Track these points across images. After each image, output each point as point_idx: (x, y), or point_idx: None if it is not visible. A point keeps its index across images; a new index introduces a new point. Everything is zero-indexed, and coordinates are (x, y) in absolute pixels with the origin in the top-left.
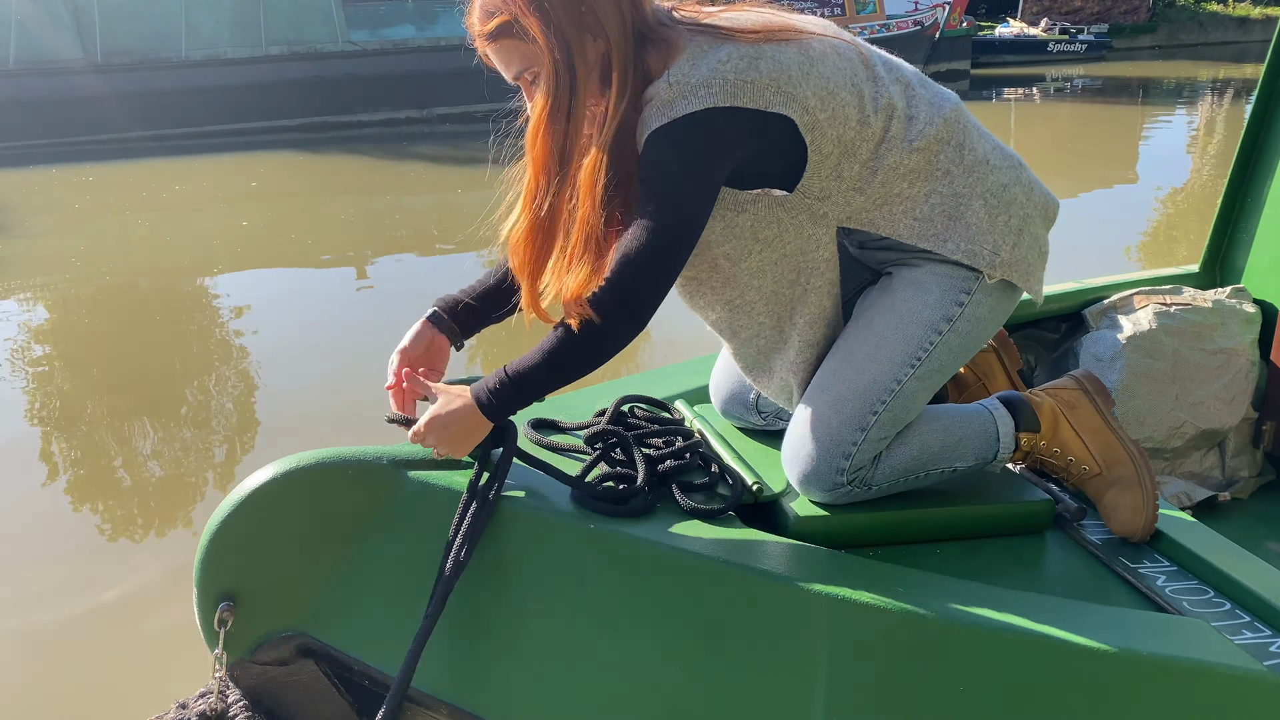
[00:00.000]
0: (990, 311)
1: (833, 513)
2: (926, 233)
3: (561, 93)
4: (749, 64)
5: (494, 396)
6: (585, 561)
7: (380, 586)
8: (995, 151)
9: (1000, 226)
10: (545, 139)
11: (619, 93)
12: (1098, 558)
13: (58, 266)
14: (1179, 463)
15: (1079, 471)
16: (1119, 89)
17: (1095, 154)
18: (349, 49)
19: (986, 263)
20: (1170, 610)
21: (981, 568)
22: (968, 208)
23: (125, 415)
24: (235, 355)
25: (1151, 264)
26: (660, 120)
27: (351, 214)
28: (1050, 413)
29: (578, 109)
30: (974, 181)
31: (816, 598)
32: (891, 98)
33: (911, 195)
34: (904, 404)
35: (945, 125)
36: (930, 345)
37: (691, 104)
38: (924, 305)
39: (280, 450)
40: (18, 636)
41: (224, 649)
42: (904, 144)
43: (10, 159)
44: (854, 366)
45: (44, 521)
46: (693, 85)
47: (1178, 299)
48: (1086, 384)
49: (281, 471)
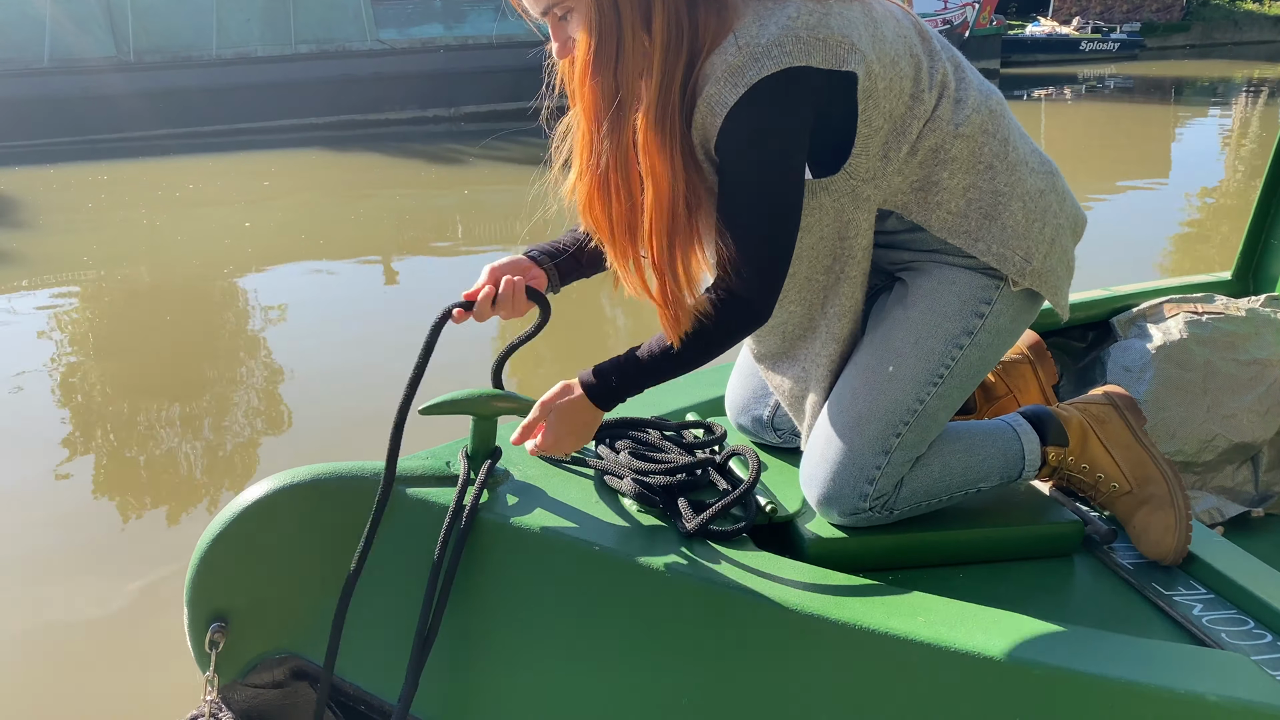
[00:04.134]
0: (1010, 322)
1: (851, 535)
2: (959, 228)
3: (607, 29)
4: (819, 19)
5: (606, 386)
6: (590, 584)
7: (375, 607)
8: (1034, 154)
9: (1035, 233)
10: (594, 84)
11: (665, 44)
12: (1129, 583)
13: (87, 262)
14: (1210, 477)
15: (1108, 489)
16: (1151, 88)
17: (1127, 154)
18: (378, 47)
19: (1016, 269)
20: (1208, 642)
21: (1007, 594)
22: (1005, 208)
23: (150, 412)
24: (261, 354)
25: (1183, 267)
26: (734, 92)
27: (379, 212)
28: (1079, 428)
29: (626, 49)
30: (1014, 181)
31: (833, 626)
32: (946, 73)
33: (950, 186)
34: (927, 423)
35: (991, 116)
36: (952, 361)
37: (766, 66)
38: (943, 318)
39: (307, 449)
40: (29, 633)
41: (216, 671)
42: (950, 126)
43: (43, 156)
44: (874, 386)
45: (62, 513)
46: (764, 46)
47: (1209, 307)
48: (1117, 399)
49: (274, 488)
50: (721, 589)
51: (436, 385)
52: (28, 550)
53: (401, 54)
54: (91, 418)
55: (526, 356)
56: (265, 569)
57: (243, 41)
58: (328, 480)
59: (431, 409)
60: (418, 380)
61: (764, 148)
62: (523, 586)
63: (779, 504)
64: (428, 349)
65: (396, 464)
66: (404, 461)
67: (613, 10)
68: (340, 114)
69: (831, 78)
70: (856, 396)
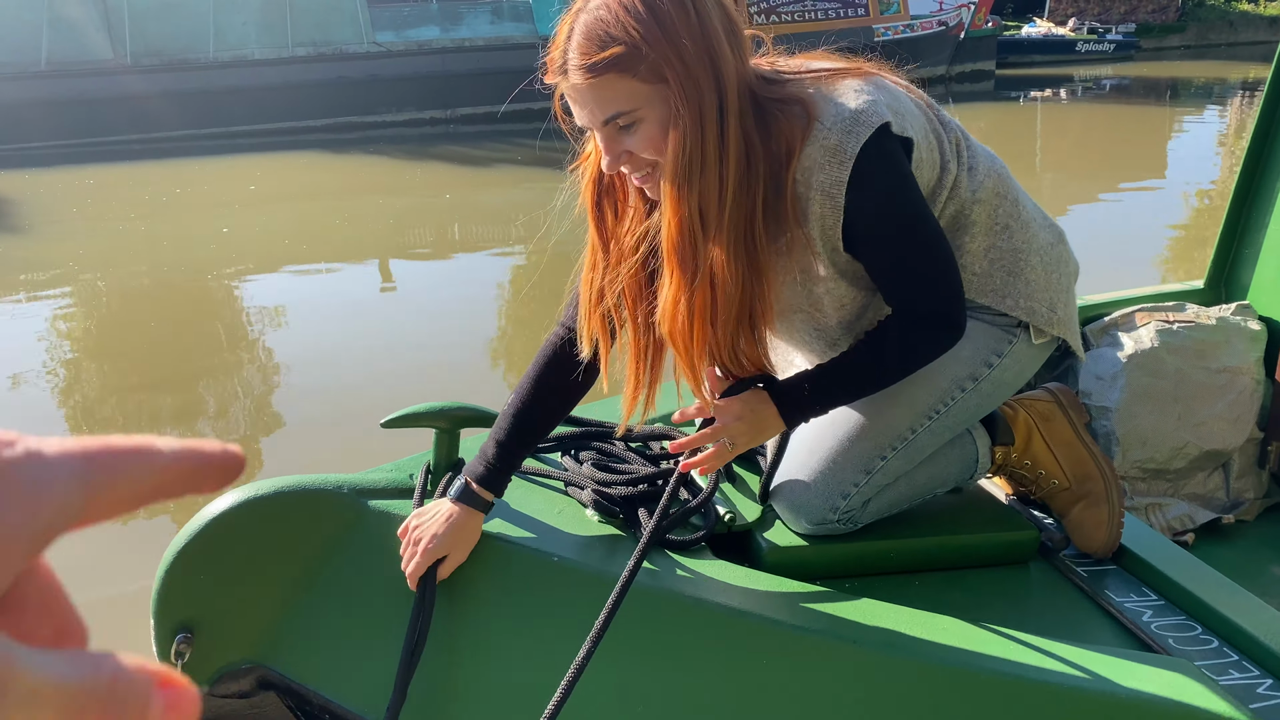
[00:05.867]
0: (1014, 376)
1: (808, 543)
2: (986, 287)
3: (694, 145)
4: (875, 88)
5: (798, 402)
6: (550, 595)
7: (340, 617)
8: (1038, 210)
9: (1055, 284)
10: (684, 197)
11: (739, 157)
12: (1082, 590)
13: (84, 265)
14: (1182, 484)
15: (1048, 485)
16: (1147, 89)
17: (1123, 156)
18: (374, 50)
19: (1044, 319)
20: (1155, 647)
21: (962, 600)
22: (1026, 264)
23: (148, 414)
24: (258, 355)
25: (1178, 269)
26: (844, 169)
27: (375, 214)
28: (1024, 425)
29: (709, 165)
30: (1029, 238)
31: (787, 633)
32: (958, 142)
33: (972, 250)
34: (912, 454)
35: (999, 179)
36: (951, 401)
37: (861, 133)
38: (953, 360)
39: (300, 450)
40: None
41: None
42: (968, 193)
43: (41, 159)
44: (871, 407)
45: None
46: (850, 118)
47: (1180, 316)
48: (1060, 396)
49: (240, 500)
50: (677, 598)
51: (410, 396)
52: None
53: (398, 56)
54: (84, 419)
55: (520, 367)
56: (230, 580)
57: (239, 44)
58: (291, 493)
59: (393, 422)
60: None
61: (895, 199)
62: (483, 596)
63: (738, 513)
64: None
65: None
66: (368, 474)
67: (698, 125)
68: (337, 116)
69: (902, 141)
70: (849, 414)
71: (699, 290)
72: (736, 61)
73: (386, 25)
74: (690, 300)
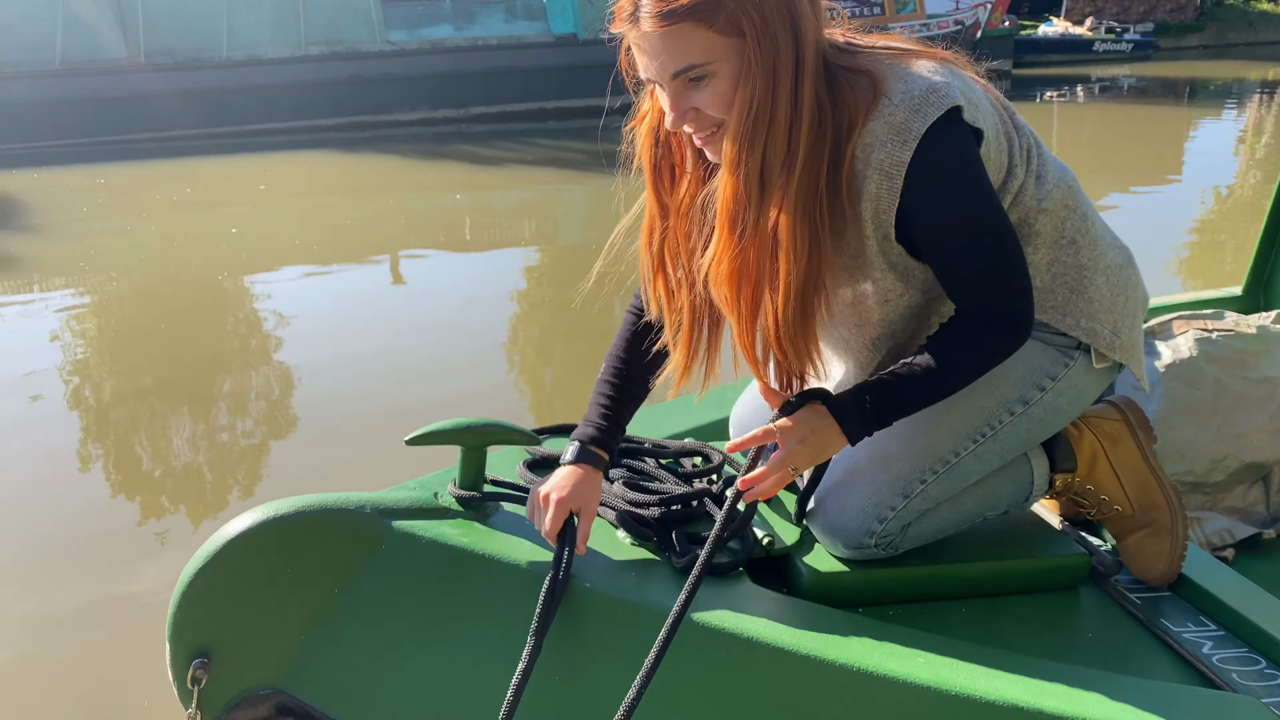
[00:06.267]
0: (1069, 403)
1: (849, 569)
2: (1046, 304)
3: (764, 100)
4: (947, 71)
5: (860, 415)
6: (581, 622)
7: (361, 642)
8: (1109, 231)
9: (1120, 306)
10: (747, 156)
11: (812, 120)
12: (1136, 618)
13: (96, 264)
14: (1220, 498)
15: (1109, 511)
16: (1165, 89)
17: (1140, 156)
18: (387, 49)
19: (1106, 343)
20: (1218, 683)
21: (1011, 629)
22: (1090, 282)
23: (160, 417)
24: (271, 354)
25: (1197, 272)
26: (906, 148)
27: (388, 212)
28: (1089, 450)
29: (779, 124)
30: (1096, 256)
31: (830, 667)
32: (1030, 148)
33: (1035, 262)
34: (955, 479)
35: (1069, 191)
36: (999, 424)
37: (929, 114)
38: (1003, 380)
39: (313, 452)
40: (35, 633)
41: (198, 708)
42: (1034, 202)
43: (53, 157)
44: (911, 427)
45: (70, 512)
46: (920, 96)
47: (1220, 324)
48: (1129, 414)
49: (259, 520)
50: (714, 626)
51: (424, 401)
52: (36, 549)
53: (411, 55)
54: (97, 420)
55: (534, 370)
56: (248, 603)
57: (253, 43)
58: (312, 512)
59: (418, 439)
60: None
61: (960, 184)
62: (506, 624)
63: (776, 536)
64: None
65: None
66: (390, 492)
67: (770, 81)
68: (349, 115)
69: (973, 130)
70: (891, 435)
71: (754, 252)
72: (814, 21)
73: (400, 24)
74: (743, 261)
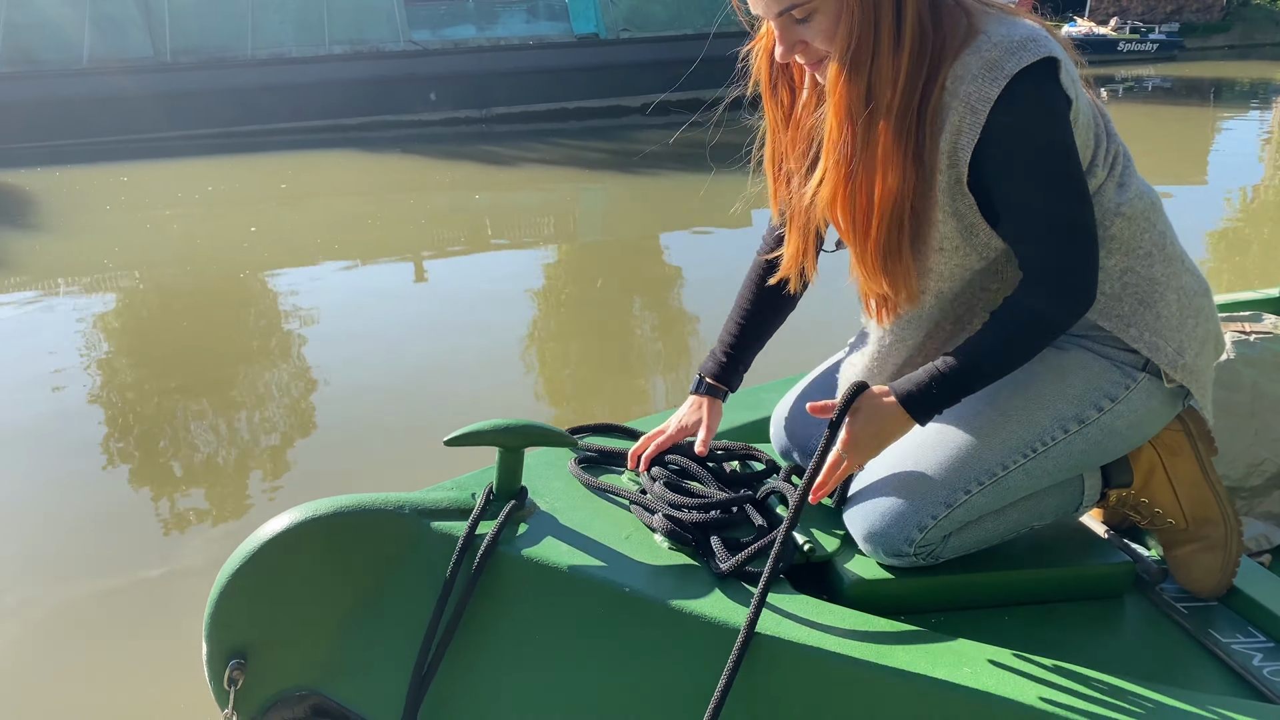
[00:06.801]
0: (1129, 427)
1: (892, 576)
2: (1112, 311)
3: (865, 32)
4: (1053, 41)
5: (928, 397)
6: (619, 627)
7: (399, 644)
8: (1188, 257)
9: (1189, 329)
10: (849, 87)
11: (914, 48)
12: (1183, 628)
13: (120, 262)
14: (1257, 502)
15: (1162, 523)
16: (1190, 90)
17: (1165, 156)
18: (410, 48)
19: (1169, 361)
20: (1269, 696)
21: (1056, 638)
22: (1161, 298)
23: (186, 415)
24: (293, 353)
25: (1223, 272)
26: (995, 85)
27: (411, 212)
28: (1147, 463)
29: (882, 51)
30: (1171, 274)
31: (876, 674)
32: (1118, 154)
33: (1106, 266)
34: (1001, 493)
35: (1151, 207)
36: (1051, 441)
37: (1024, 58)
38: (1059, 396)
39: (333, 452)
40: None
41: (235, 709)
42: (1112, 205)
43: (79, 155)
44: (960, 435)
45: (93, 511)
46: (1019, 40)
47: (1257, 327)
48: (1191, 425)
49: (296, 521)
50: (758, 633)
51: (446, 401)
52: (52, 547)
53: (434, 55)
54: (123, 418)
55: (560, 368)
56: (285, 604)
57: (277, 42)
58: (350, 513)
59: (457, 440)
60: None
61: (1043, 130)
62: (545, 627)
63: (816, 543)
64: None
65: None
66: (428, 492)
67: (871, 13)
68: (373, 114)
69: (1063, 94)
70: (939, 439)
71: (862, 175)
72: None
73: (422, 24)
74: (852, 186)
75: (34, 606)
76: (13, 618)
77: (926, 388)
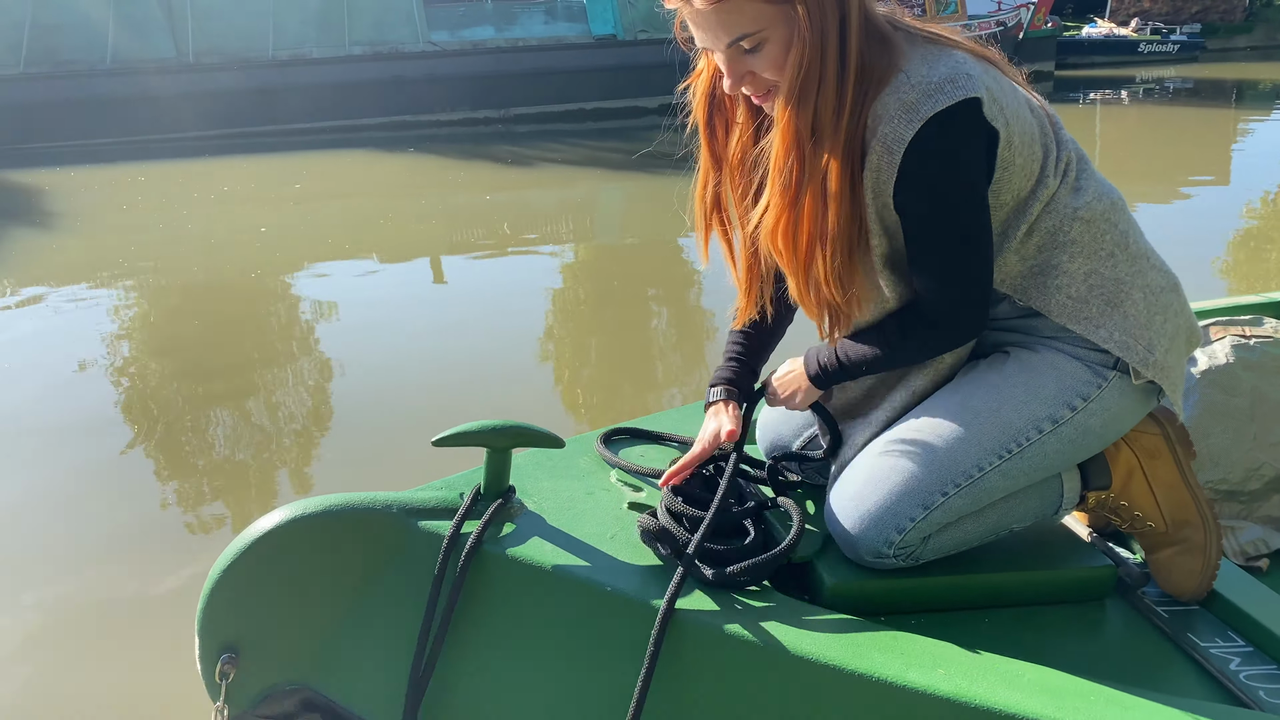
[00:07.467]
0: (1103, 425)
1: (871, 577)
2: (1080, 314)
3: (813, 63)
4: (983, 69)
5: (823, 371)
6: (601, 627)
7: (387, 640)
8: (1155, 255)
9: (1157, 325)
10: (796, 117)
11: (857, 80)
12: (1163, 632)
13: (136, 259)
14: (1256, 507)
15: (1142, 526)
16: (1212, 91)
17: (1186, 158)
18: (429, 49)
19: (1139, 359)
20: (1245, 701)
21: (1034, 641)
22: (1128, 297)
23: (204, 410)
24: (311, 353)
25: (1241, 275)
26: (910, 127)
27: (429, 212)
28: (1125, 466)
29: (828, 83)
30: (1136, 272)
31: (849, 676)
32: (1070, 161)
33: (1071, 270)
34: (978, 494)
35: (1112, 207)
36: (1026, 441)
37: (940, 101)
38: (1033, 396)
39: (352, 453)
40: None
41: (225, 702)
42: (1069, 210)
43: (100, 154)
44: (937, 437)
45: (109, 502)
46: (937, 83)
47: (1258, 331)
48: (1169, 428)
49: (286, 519)
50: (735, 634)
51: (458, 401)
52: (64, 539)
53: (453, 56)
54: (136, 416)
55: (574, 369)
56: (276, 600)
57: (298, 43)
58: (339, 511)
59: (444, 441)
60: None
61: (946, 178)
62: (530, 625)
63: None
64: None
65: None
66: (417, 492)
67: (818, 42)
68: (392, 115)
69: (986, 129)
70: (915, 442)
71: (808, 204)
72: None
73: (442, 25)
74: (795, 215)
75: (50, 604)
76: (32, 613)
77: (826, 370)
